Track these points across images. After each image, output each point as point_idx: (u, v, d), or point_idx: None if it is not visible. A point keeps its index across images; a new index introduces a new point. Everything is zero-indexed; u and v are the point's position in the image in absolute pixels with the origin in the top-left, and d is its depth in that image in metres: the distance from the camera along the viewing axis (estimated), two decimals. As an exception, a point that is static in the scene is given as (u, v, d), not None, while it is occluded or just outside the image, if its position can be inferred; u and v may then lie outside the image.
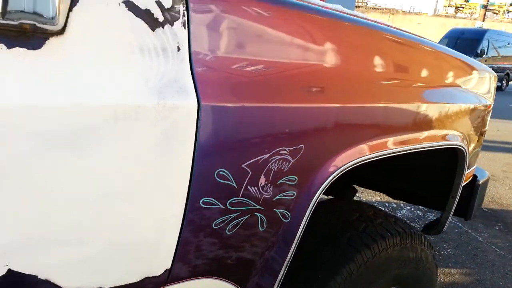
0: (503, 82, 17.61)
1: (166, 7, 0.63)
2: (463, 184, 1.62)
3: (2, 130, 0.49)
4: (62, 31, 0.54)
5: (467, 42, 17.41)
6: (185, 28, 0.66)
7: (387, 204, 3.37)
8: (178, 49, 0.65)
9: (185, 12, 0.66)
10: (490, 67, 1.75)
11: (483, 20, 23.36)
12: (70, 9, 0.54)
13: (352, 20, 0.99)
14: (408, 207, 3.36)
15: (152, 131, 0.62)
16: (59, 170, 0.54)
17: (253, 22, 0.73)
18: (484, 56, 17.14)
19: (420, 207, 3.35)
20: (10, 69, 0.50)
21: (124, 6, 0.59)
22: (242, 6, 0.72)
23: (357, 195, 3.34)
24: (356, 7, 41.78)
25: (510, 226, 3.21)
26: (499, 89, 16.50)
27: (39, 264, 0.58)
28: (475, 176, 1.68)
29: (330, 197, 2.05)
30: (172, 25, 0.64)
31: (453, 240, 2.86)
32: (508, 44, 18.39)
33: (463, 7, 54.88)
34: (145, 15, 0.61)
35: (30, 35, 0.51)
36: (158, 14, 0.62)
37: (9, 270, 0.55)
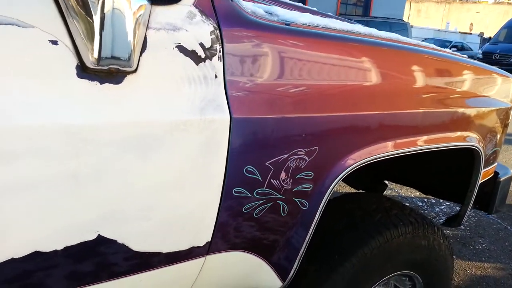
0: None
1: (206, 47, 0.86)
2: (485, 180, 1.74)
3: (101, 141, 0.74)
4: (135, 70, 0.77)
5: (528, 31, 16.47)
6: (220, 60, 0.88)
7: (426, 200, 3.46)
8: (216, 76, 0.87)
9: (221, 49, 0.88)
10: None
11: (549, 7, 21.81)
12: (140, 54, 0.78)
13: (369, 41, 1.17)
14: (447, 203, 3.42)
15: (197, 138, 0.85)
16: (135, 166, 0.79)
17: (266, 54, 0.94)
18: (548, 46, 16.13)
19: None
20: (104, 97, 0.74)
21: (177, 49, 0.82)
22: (258, 43, 0.93)
23: (396, 190, 3.46)
24: (410, -3, 40.26)
25: (553, 224, 3.19)
26: None
27: (119, 232, 0.82)
28: (496, 173, 1.79)
29: (360, 190, 2.22)
30: (211, 59, 0.87)
31: (490, 236, 2.92)
32: None
33: (528, -7, 51.40)
34: (191, 54, 0.84)
35: (115, 75, 0.75)
36: (201, 53, 0.85)
37: (99, 235, 0.80)
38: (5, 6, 0.66)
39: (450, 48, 16.85)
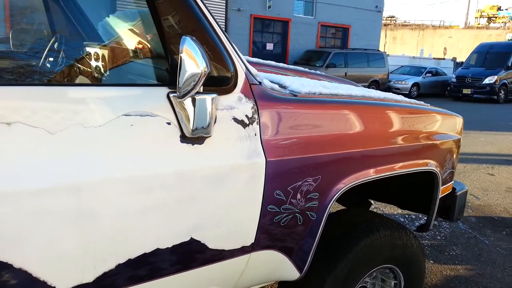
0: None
1: (249, 117, 1.37)
2: (445, 195, 2.26)
3: (194, 178, 1.23)
4: (210, 135, 1.27)
5: (497, 55, 17.57)
6: (258, 124, 1.39)
7: (407, 216, 3.96)
8: (255, 135, 1.38)
9: (258, 117, 1.39)
10: None
11: (514, 32, 23.21)
12: (213, 125, 1.28)
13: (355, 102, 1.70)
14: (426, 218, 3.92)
15: (247, 174, 1.34)
16: (212, 193, 1.27)
17: (283, 117, 1.45)
18: (515, 68, 17.22)
19: (439, 219, 3.91)
20: (195, 152, 1.24)
21: (233, 120, 1.32)
22: (278, 111, 1.45)
23: (381, 209, 3.95)
24: (385, 25, 41.98)
25: (516, 231, 3.73)
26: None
27: (203, 236, 1.30)
28: (454, 189, 2.32)
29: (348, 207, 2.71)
30: (252, 124, 1.37)
31: (462, 243, 3.42)
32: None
33: (496, 17, 53.76)
34: (241, 123, 1.34)
35: (200, 139, 1.25)
36: (246, 121, 1.36)
37: (191, 237, 1.28)
38: (143, 104, 1.17)
39: (425, 74, 17.82)
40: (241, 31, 14.72)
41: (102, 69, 1.45)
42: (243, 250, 1.43)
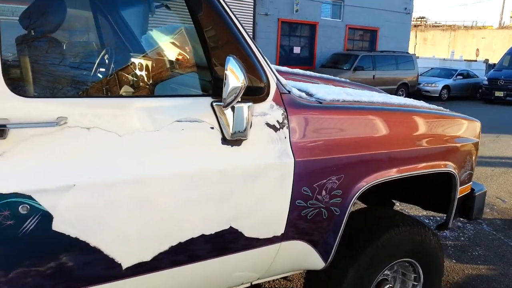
0: None
1: (280, 122, 1.56)
2: (464, 195, 2.39)
3: (234, 175, 1.43)
4: (246, 138, 1.47)
5: (531, 57, 17.13)
6: (287, 128, 1.58)
7: (432, 218, 4.06)
8: (285, 138, 1.57)
9: (287, 122, 1.58)
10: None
11: (550, 32, 22.47)
12: (249, 129, 1.48)
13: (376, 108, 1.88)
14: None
15: (278, 172, 1.54)
16: (249, 188, 1.47)
17: (310, 122, 1.64)
18: (551, 70, 16.72)
19: (460, 219, 3.99)
20: (234, 153, 1.44)
21: (266, 125, 1.52)
22: (305, 117, 1.63)
23: (406, 211, 4.06)
24: (415, 26, 41.30)
25: (541, 233, 3.77)
26: None
27: (240, 225, 1.50)
28: (472, 189, 2.44)
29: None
30: (283, 128, 1.57)
31: (485, 244, 3.51)
32: None
33: (532, 17, 51.94)
34: (273, 127, 1.54)
35: (239, 141, 1.46)
36: (277, 126, 1.55)
37: (230, 226, 1.49)
38: (192, 112, 1.39)
39: (456, 76, 17.53)
40: (268, 35, 14.95)
41: (156, 82, 1.68)
42: (274, 240, 1.63)
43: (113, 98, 1.37)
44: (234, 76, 1.27)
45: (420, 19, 50.92)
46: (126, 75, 1.85)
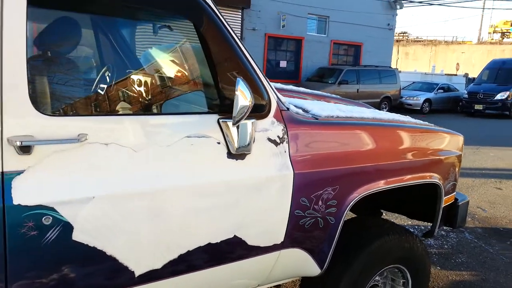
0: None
1: (280, 137, 1.69)
2: (448, 205, 2.54)
3: (240, 186, 1.54)
4: (250, 152, 1.59)
5: (509, 72, 17.71)
6: (287, 143, 1.71)
7: (416, 227, 4.21)
8: (285, 152, 1.70)
9: (287, 137, 1.71)
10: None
11: (526, 48, 23.29)
12: (252, 144, 1.60)
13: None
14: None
15: (278, 183, 1.66)
16: (251, 199, 1.59)
17: (306, 137, 1.76)
18: (528, 84, 17.32)
19: (444, 228, 4.15)
20: (239, 166, 1.56)
21: (267, 140, 1.65)
22: (302, 132, 1.76)
23: (393, 220, 4.19)
24: (397, 41, 42.22)
25: (520, 241, 3.95)
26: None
27: (244, 234, 1.60)
28: (456, 199, 2.60)
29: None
30: (283, 143, 1.69)
31: (467, 252, 3.67)
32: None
33: (509, 33, 53.57)
34: (274, 142, 1.66)
35: (243, 155, 1.57)
36: (278, 140, 1.68)
37: (235, 235, 1.59)
38: (200, 128, 1.50)
39: (437, 90, 18.01)
40: (255, 49, 15.18)
41: (166, 100, 1.80)
42: (275, 248, 1.74)
43: (129, 116, 1.47)
44: (243, 96, 1.39)
45: (402, 34, 52.03)
46: (138, 94, 1.95)
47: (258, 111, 1.63)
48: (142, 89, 1.78)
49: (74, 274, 1.30)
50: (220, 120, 1.55)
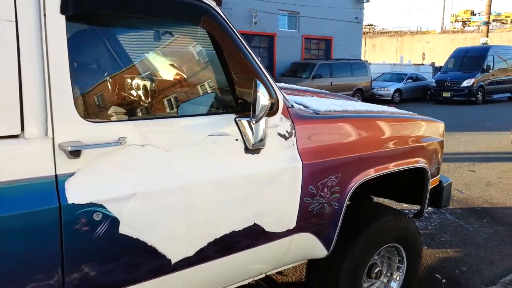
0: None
1: (288, 132, 1.84)
2: (433, 187, 2.77)
3: (257, 179, 1.70)
4: (264, 147, 1.74)
5: (472, 59, 18.47)
6: (295, 137, 1.87)
7: (406, 211, 4.46)
8: (294, 145, 1.86)
9: (294, 132, 1.87)
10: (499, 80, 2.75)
11: (487, 36, 24.32)
12: (265, 139, 1.75)
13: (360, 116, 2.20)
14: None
15: (289, 174, 1.82)
16: (266, 190, 1.74)
17: (311, 131, 1.93)
18: (490, 71, 18.12)
19: (428, 210, 4.42)
20: (255, 160, 1.70)
21: (277, 135, 1.80)
22: (306, 127, 1.93)
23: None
24: (364, 33, 43.08)
25: (495, 218, 4.27)
26: None
27: (262, 222, 1.75)
28: (440, 181, 2.83)
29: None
30: (291, 137, 1.85)
31: (450, 231, 3.94)
32: (514, 56, 19.20)
33: (470, 21, 55.35)
34: (283, 136, 1.82)
35: (258, 150, 1.73)
36: (287, 135, 1.84)
37: (254, 223, 1.74)
38: (221, 127, 1.64)
39: (406, 80, 18.59)
40: (229, 47, 15.28)
41: (187, 101, 1.93)
42: (288, 233, 1.90)
43: (160, 119, 1.60)
44: (263, 97, 1.54)
45: (368, 27, 52.94)
46: (165, 97, 2.05)
47: (269, 109, 1.79)
48: (171, 94, 1.92)
49: (120, 264, 1.43)
50: (237, 119, 1.70)
